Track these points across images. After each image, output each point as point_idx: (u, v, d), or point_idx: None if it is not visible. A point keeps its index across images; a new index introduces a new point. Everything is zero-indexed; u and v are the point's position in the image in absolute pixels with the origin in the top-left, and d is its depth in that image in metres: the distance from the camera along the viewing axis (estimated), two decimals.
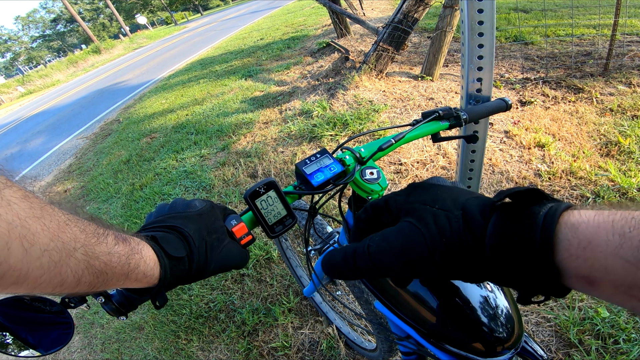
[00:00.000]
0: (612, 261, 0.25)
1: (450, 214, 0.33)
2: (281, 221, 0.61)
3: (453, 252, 0.32)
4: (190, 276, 0.50)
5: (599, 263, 0.25)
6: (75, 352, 2.06)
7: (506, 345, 0.55)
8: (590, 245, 0.26)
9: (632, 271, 0.24)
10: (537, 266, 0.28)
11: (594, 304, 1.46)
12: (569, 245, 0.27)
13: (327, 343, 1.61)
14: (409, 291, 0.59)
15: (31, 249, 0.30)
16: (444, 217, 0.33)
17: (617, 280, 0.25)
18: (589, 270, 0.26)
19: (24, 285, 0.31)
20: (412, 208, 0.36)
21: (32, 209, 0.31)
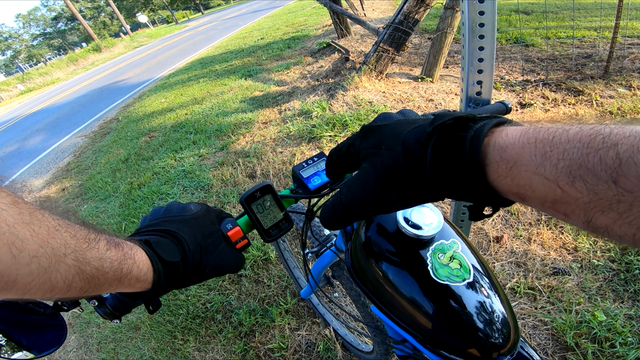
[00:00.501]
0: (535, 179, 0.27)
1: (393, 151, 0.35)
2: (277, 225, 0.60)
3: (402, 185, 0.35)
4: (184, 281, 0.49)
5: (524, 181, 0.27)
6: (71, 351, 2.06)
7: (502, 351, 0.55)
8: (516, 165, 0.28)
9: (552, 187, 0.26)
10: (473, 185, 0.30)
11: (591, 307, 1.46)
12: (497, 167, 0.29)
13: (324, 345, 1.61)
14: (405, 296, 0.59)
15: (20, 255, 0.30)
16: (388, 156, 0.36)
17: (542, 196, 0.27)
18: (517, 188, 0.28)
19: (12, 291, 0.31)
20: (365, 154, 0.39)
21: (21, 214, 0.31)
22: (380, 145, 0.38)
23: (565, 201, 0.25)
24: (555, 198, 0.26)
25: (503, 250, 1.79)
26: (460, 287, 0.56)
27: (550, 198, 0.26)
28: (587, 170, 0.24)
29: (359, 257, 0.68)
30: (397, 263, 0.61)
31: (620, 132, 0.23)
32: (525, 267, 1.69)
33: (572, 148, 0.25)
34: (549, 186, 0.26)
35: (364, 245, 0.66)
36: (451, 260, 0.58)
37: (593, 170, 0.23)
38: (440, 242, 0.60)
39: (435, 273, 0.57)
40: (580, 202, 0.24)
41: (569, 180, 0.25)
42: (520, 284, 1.60)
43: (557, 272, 1.63)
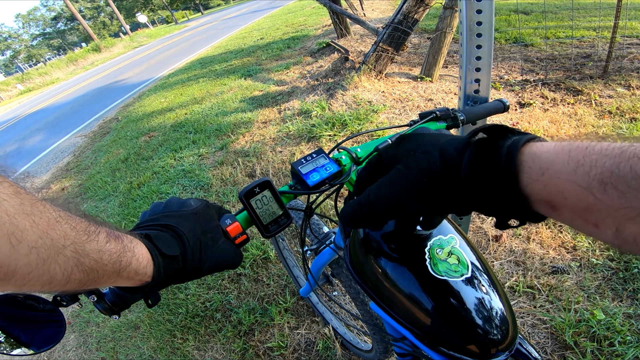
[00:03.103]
0: (567, 186, 0.28)
1: (430, 155, 0.37)
2: (276, 221, 0.60)
3: (435, 188, 0.36)
4: (183, 275, 0.50)
5: (556, 188, 0.28)
6: (71, 350, 2.06)
7: (500, 347, 0.55)
8: (549, 171, 0.29)
9: (584, 195, 0.26)
10: (505, 190, 0.31)
11: (590, 306, 1.46)
12: (530, 171, 0.30)
13: (323, 343, 1.61)
14: (404, 292, 0.59)
15: (19, 246, 0.30)
16: (424, 159, 0.37)
17: (573, 204, 0.28)
18: (548, 195, 0.29)
19: (12, 282, 0.31)
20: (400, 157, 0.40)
21: (22, 205, 0.31)
22: (416, 149, 0.39)
23: (597, 209, 0.26)
24: (587, 205, 0.27)
25: (502, 249, 1.79)
26: (459, 282, 0.56)
27: (582, 205, 0.27)
28: (618, 178, 0.24)
29: (357, 253, 0.68)
30: (395, 259, 0.61)
31: None
32: (524, 266, 1.69)
33: (604, 157, 0.26)
34: (581, 193, 0.27)
35: (363, 242, 0.66)
36: (449, 256, 0.58)
37: (624, 178, 0.24)
38: (439, 238, 0.60)
39: (434, 268, 0.57)
40: (611, 210, 0.25)
41: (601, 187, 0.25)
42: (519, 283, 1.61)
43: (556, 271, 1.63)
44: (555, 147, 0.29)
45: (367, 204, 0.41)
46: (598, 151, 0.26)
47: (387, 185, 0.39)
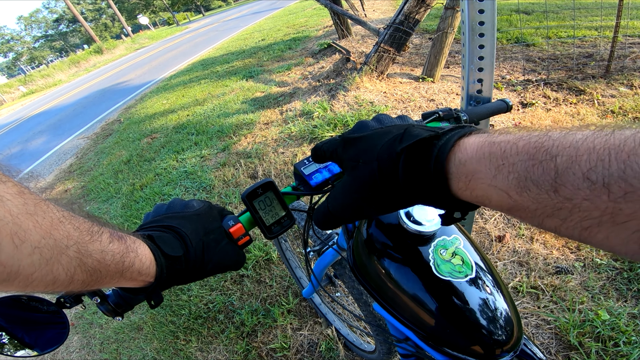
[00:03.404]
0: (490, 190, 0.30)
1: (370, 166, 0.39)
2: (279, 222, 0.60)
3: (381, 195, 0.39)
4: (186, 276, 0.50)
5: (481, 192, 0.31)
6: (74, 352, 2.06)
7: (505, 348, 0.55)
8: (474, 178, 0.31)
9: (505, 197, 0.29)
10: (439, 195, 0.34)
11: (594, 306, 1.45)
12: (457, 180, 0.32)
13: (326, 344, 1.61)
14: (408, 293, 0.59)
15: (22, 246, 0.30)
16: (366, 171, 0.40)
17: (498, 204, 0.30)
18: (476, 198, 0.32)
19: (15, 283, 0.31)
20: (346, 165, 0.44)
21: (25, 205, 0.31)
22: (358, 158, 0.41)
23: (518, 208, 0.28)
24: (509, 206, 0.29)
25: (505, 249, 1.78)
26: (463, 283, 0.56)
27: (505, 206, 0.29)
28: (532, 182, 0.26)
29: (360, 254, 0.68)
30: (399, 259, 0.60)
31: (561, 143, 0.25)
32: (527, 266, 1.68)
33: (519, 161, 0.27)
34: (503, 196, 0.29)
35: (366, 243, 0.66)
36: (453, 256, 0.58)
37: (537, 181, 0.26)
38: (442, 238, 0.60)
39: (438, 269, 0.57)
40: (530, 209, 0.27)
41: (519, 190, 0.27)
42: (522, 283, 1.60)
43: (560, 271, 1.63)
44: (478, 152, 0.31)
45: (328, 213, 0.46)
46: (515, 153, 0.28)
47: (341, 196, 0.44)
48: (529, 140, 0.28)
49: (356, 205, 0.42)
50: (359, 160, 0.41)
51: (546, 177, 0.25)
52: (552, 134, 0.27)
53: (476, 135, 0.33)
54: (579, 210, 0.24)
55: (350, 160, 0.43)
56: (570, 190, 0.24)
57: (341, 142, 0.46)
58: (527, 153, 0.27)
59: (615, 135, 0.23)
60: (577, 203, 0.24)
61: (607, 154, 0.23)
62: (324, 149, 0.49)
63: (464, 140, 0.33)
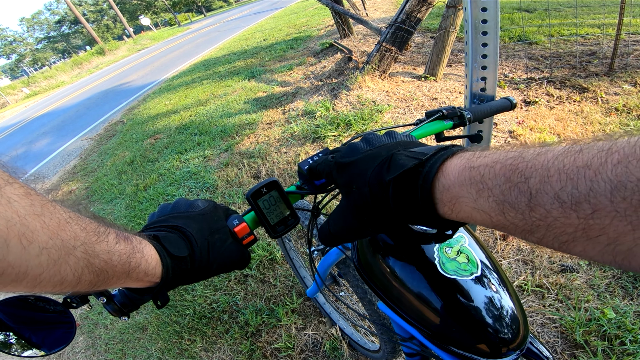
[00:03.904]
0: (473, 212, 0.32)
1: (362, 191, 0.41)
2: (283, 221, 0.60)
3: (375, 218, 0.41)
4: (192, 276, 0.50)
5: (465, 214, 0.33)
6: (80, 352, 2.07)
7: (511, 346, 0.55)
8: (457, 201, 0.33)
9: (487, 218, 0.30)
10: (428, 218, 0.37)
11: (600, 305, 1.45)
12: (443, 205, 0.35)
13: (331, 344, 1.61)
14: (413, 291, 0.59)
15: (30, 247, 0.30)
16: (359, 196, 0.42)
17: (482, 223, 0.32)
18: (462, 219, 0.34)
19: (23, 283, 0.31)
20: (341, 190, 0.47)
21: (32, 206, 0.31)
22: (351, 184, 0.44)
23: (500, 227, 0.30)
24: (492, 225, 0.31)
25: (510, 248, 1.78)
26: (468, 281, 0.56)
27: (488, 225, 0.31)
28: (509, 204, 0.28)
29: (365, 253, 0.68)
30: (403, 258, 0.60)
31: (534, 164, 0.27)
32: (532, 264, 1.68)
33: (496, 185, 0.29)
34: (485, 217, 0.31)
35: (371, 242, 0.66)
36: (458, 255, 0.58)
37: (513, 203, 0.27)
38: None
39: (443, 267, 0.56)
40: (510, 228, 0.29)
41: (498, 211, 0.29)
42: (527, 282, 1.59)
43: (565, 270, 1.62)
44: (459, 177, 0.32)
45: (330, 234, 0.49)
46: (493, 177, 0.29)
47: (341, 219, 0.47)
48: (504, 164, 0.29)
49: (354, 227, 0.45)
50: (352, 185, 0.44)
51: (522, 198, 0.27)
52: (526, 154, 0.28)
53: (458, 157, 0.35)
54: (554, 227, 0.25)
55: (345, 186, 0.45)
56: (544, 210, 0.25)
57: (335, 167, 0.48)
58: (503, 176, 0.28)
59: (584, 153, 0.24)
60: (552, 222, 0.25)
61: (576, 174, 0.24)
62: (320, 170, 0.53)
63: (446, 164, 0.35)
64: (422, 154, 0.38)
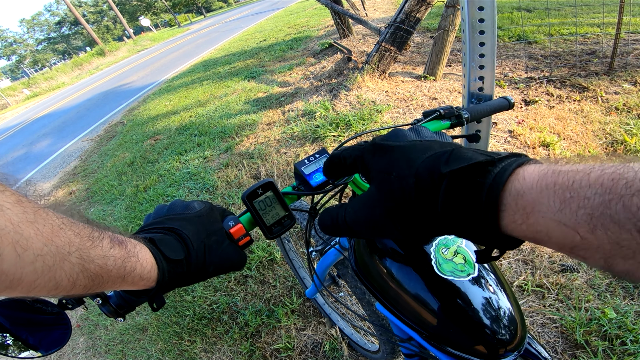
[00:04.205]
0: (552, 225, 0.26)
1: (405, 181, 0.34)
2: (279, 222, 0.60)
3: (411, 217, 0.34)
4: (188, 278, 0.49)
5: (541, 227, 0.26)
6: (80, 353, 2.07)
7: (509, 347, 0.54)
8: (533, 211, 0.27)
9: (571, 234, 0.25)
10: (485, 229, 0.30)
11: (601, 304, 1.44)
12: (513, 214, 0.28)
13: (330, 344, 1.60)
14: (410, 293, 0.59)
15: (24, 254, 0.30)
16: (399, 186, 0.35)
17: (559, 242, 0.26)
18: (533, 234, 0.27)
19: (17, 290, 0.31)
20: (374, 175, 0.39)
21: (25, 213, 0.31)
22: (391, 170, 0.37)
23: (585, 247, 0.24)
24: (574, 244, 0.25)
25: None
26: (465, 282, 0.55)
27: (568, 244, 0.25)
28: (609, 218, 0.22)
29: (362, 254, 0.68)
30: (400, 259, 0.60)
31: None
32: (532, 264, 1.68)
33: (593, 194, 0.23)
34: (568, 233, 0.25)
35: (367, 242, 0.66)
36: (455, 255, 0.58)
37: (616, 218, 0.22)
38: (444, 237, 0.60)
39: (439, 268, 0.56)
40: (601, 250, 0.23)
41: (590, 227, 0.23)
42: (528, 282, 1.59)
43: (566, 270, 1.62)
44: (540, 181, 0.27)
45: (344, 223, 0.41)
46: (587, 185, 0.24)
47: (363, 210, 0.39)
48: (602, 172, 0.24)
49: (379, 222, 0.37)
50: (391, 172, 0.37)
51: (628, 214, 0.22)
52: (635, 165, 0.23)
53: (535, 164, 0.29)
54: None
55: (380, 171, 0.38)
56: None
57: (371, 148, 0.41)
58: (602, 185, 0.23)
59: None
60: None
61: None
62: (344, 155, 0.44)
63: (523, 167, 0.29)
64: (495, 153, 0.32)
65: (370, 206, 0.38)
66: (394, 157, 0.38)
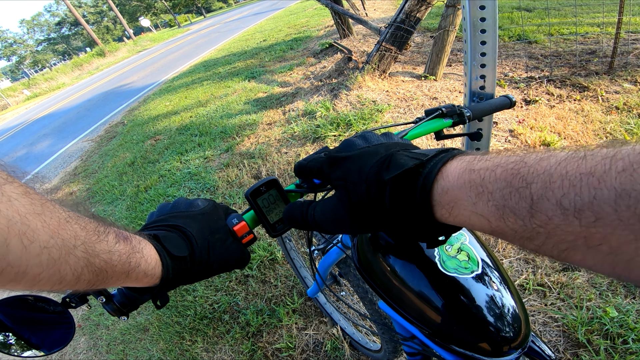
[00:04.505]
0: (471, 216, 0.31)
1: (359, 187, 0.40)
2: (282, 220, 0.60)
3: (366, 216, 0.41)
4: (192, 276, 0.49)
5: (463, 218, 0.32)
6: (81, 353, 2.07)
7: (513, 344, 0.54)
8: (456, 204, 0.32)
9: (486, 222, 0.30)
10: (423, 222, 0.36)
11: (602, 303, 1.44)
12: (441, 207, 0.34)
13: (332, 344, 1.60)
14: (413, 290, 0.59)
15: (31, 246, 0.30)
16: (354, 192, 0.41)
17: (480, 228, 0.31)
18: (459, 223, 0.33)
19: (22, 282, 0.31)
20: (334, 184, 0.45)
21: (32, 205, 0.31)
22: (346, 179, 0.42)
23: (498, 232, 0.29)
24: (491, 230, 0.30)
25: (511, 247, 1.77)
26: (469, 279, 0.55)
27: (486, 229, 0.31)
28: (509, 210, 0.27)
29: (365, 252, 0.67)
30: (404, 256, 0.60)
31: (536, 169, 0.26)
32: (533, 263, 1.67)
33: (497, 189, 0.28)
34: (483, 222, 0.30)
35: (371, 240, 0.66)
36: (459, 252, 0.58)
37: (514, 209, 0.27)
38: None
39: (443, 265, 0.56)
40: (509, 234, 0.28)
41: (497, 217, 0.28)
42: (529, 281, 1.59)
43: (567, 268, 1.62)
44: (459, 179, 0.32)
45: (313, 220, 0.48)
46: (493, 180, 0.29)
47: (329, 212, 0.45)
48: (506, 167, 0.28)
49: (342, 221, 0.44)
50: (346, 180, 0.42)
51: (522, 204, 0.26)
52: (528, 159, 0.27)
53: (458, 160, 0.34)
54: (555, 235, 0.25)
55: (338, 180, 0.44)
56: (545, 217, 0.25)
57: (327, 161, 0.47)
58: (504, 180, 0.28)
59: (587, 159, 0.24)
60: (552, 229, 0.24)
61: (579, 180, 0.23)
62: (309, 167, 0.50)
63: (446, 167, 0.34)
64: (423, 155, 0.37)
65: (334, 209, 0.44)
66: (347, 167, 0.43)
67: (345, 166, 0.44)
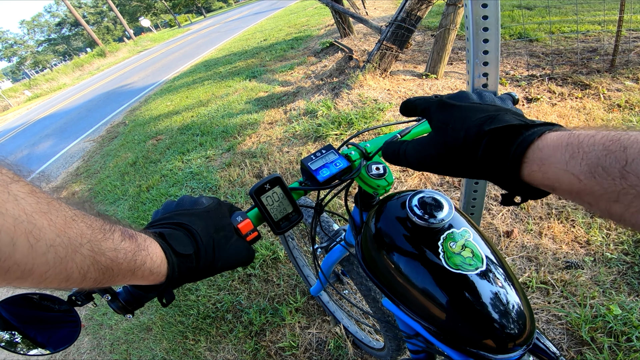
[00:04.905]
0: (561, 174, 0.33)
1: (457, 134, 0.43)
2: (287, 217, 0.60)
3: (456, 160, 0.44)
4: (197, 273, 0.49)
5: (553, 175, 0.34)
6: (85, 353, 2.07)
7: (518, 341, 0.54)
8: (547, 162, 0.34)
9: (575, 181, 0.31)
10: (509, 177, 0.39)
11: (606, 301, 1.44)
12: (531, 163, 0.36)
13: (335, 342, 1.61)
14: (418, 287, 0.59)
15: (37, 245, 0.30)
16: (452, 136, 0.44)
17: (567, 188, 0.33)
18: (547, 181, 0.35)
19: (28, 280, 0.31)
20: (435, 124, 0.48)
21: (38, 204, 0.31)
22: (448, 123, 0.46)
23: (587, 192, 0.31)
24: (579, 189, 0.31)
25: (514, 244, 1.77)
26: (474, 276, 0.55)
27: (575, 189, 0.32)
28: (602, 168, 0.29)
29: (369, 249, 0.67)
30: (408, 253, 0.60)
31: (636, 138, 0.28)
32: (537, 261, 1.67)
33: (594, 150, 0.30)
34: (573, 179, 0.32)
35: (375, 237, 0.66)
36: (463, 249, 0.57)
37: (607, 167, 0.29)
38: (452, 231, 0.59)
39: (448, 262, 0.56)
40: (597, 194, 0.30)
41: (589, 175, 0.30)
42: (532, 279, 1.59)
43: (570, 266, 1.61)
44: (556, 140, 0.34)
45: (404, 155, 0.52)
46: (592, 144, 0.31)
47: (421, 147, 0.49)
48: (607, 135, 0.30)
49: (430, 160, 0.47)
50: (448, 124, 0.45)
51: (616, 165, 0.28)
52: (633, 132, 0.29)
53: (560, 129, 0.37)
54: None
55: (440, 122, 0.47)
56: (636, 178, 0.26)
57: (437, 103, 0.50)
58: (602, 144, 0.30)
59: None
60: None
61: None
62: (417, 104, 0.54)
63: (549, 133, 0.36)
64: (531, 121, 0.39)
65: (427, 147, 0.48)
66: (453, 114, 0.46)
67: (452, 113, 0.47)
